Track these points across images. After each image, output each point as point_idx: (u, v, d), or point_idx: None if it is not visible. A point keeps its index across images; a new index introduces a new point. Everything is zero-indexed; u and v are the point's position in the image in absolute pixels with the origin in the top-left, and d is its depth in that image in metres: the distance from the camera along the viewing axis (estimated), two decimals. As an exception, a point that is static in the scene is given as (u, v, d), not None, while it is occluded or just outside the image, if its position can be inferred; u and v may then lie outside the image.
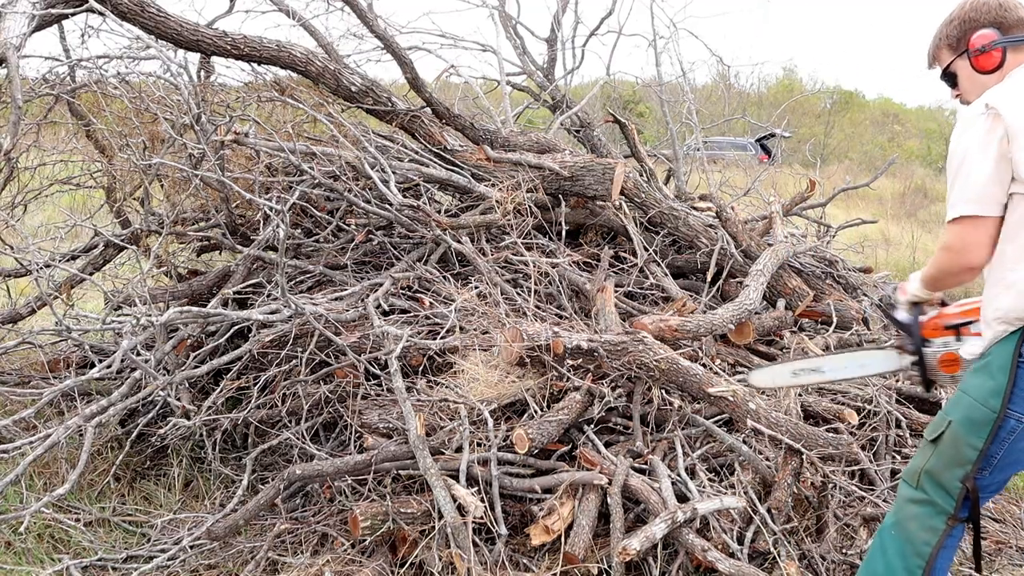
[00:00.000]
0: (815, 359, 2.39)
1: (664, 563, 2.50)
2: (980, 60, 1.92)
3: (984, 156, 1.78)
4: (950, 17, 2.00)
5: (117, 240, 3.62)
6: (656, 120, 12.29)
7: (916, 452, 1.99)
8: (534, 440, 2.69)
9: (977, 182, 1.79)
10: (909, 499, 1.92)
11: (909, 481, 1.93)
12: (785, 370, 2.42)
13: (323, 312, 3.06)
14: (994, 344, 1.83)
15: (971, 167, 1.80)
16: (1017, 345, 1.78)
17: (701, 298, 3.90)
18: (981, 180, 1.78)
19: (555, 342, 2.88)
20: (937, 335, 2.07)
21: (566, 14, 6.11)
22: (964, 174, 1.81)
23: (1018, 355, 1.77)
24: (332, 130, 3.90)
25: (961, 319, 2.04)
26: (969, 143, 1.82)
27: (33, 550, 2.67)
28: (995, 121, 1.77)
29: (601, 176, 3.98)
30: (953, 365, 2.03)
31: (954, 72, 2.00)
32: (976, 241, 1.81)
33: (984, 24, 1.92)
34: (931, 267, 1.98)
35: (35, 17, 3.08)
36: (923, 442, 1.95)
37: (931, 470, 1.87)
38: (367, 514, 2.52)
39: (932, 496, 1.87)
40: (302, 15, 4.44)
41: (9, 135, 2.75)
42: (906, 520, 1.90)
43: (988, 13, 1.92)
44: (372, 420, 2.97)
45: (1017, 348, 1.77)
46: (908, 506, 1.91)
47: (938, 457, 1.86)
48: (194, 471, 3.25)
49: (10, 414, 3.20)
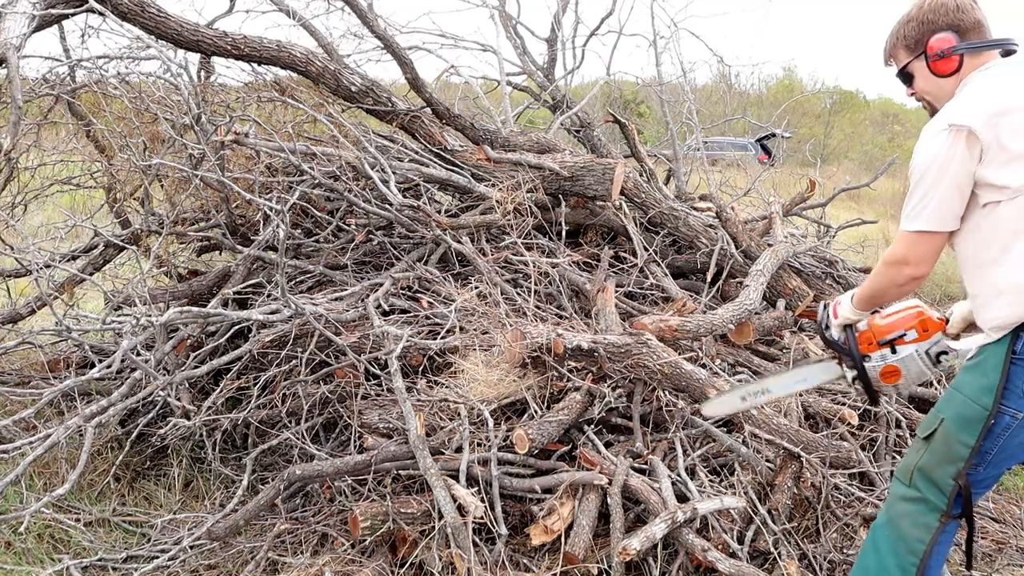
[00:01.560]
0: (760, 382, 2.43)
1: (664, 563, 2.50)
2: (938, 64, 1.92)
3: (946, 172, 1.80)
4: (907, 16, 1.99)
5: (117, 240, 3.62)
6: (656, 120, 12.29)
7: (908, 449, 1.99)
8: (534, 440, 2.69)
9: (940, 198, 1.81)
10: (902, 497, 1.92)
11: (902, 479, 1.94)
12: (735, 396, 2.45)
13: (323, 312, 3.06)
14: (988, 343, 1.84)
15: (934, 181, 1.81)
16: (1010, 343, 1.78)
17: (701, 298, 3.90)
18: (944, 196, 1.81)
19: (556, 342, 2.88)
20: (873, 350, 2.08)
21: (566, 14, 6.12)
22: (925, 188, 1.83)
23: (1012, 353, 1.77)
24: (332, 130, 3.90)
25: (893, 333, 2.06)
26: (933, 158, 1.82)
27: (33, 550, 2.67)
28: (957, 138, 1.78)
29: (601, 176, 3.98)
30: (894, 376, 2.06)
31: (911, 73, 2.00)
32: (930, 253, 1.86)
33: (942, 27, 1.91)
34: (873, 283, 1.99)
35: (35, 17, 3.08)
36: (915, 439, 1.95)
37: (924, 467, 1.88)
38: (367, 514, 2.52)
39: (925, 493, 1.87)
40: (302, 15, 4.44)
41: (9, 135, 2.75)
42: (899, 518, 1.90)
43: (946, 15, 1.92)
44: (372, 420, 2.97)
45: (1011, 346, 1.78)
46: (901, 504, 1.92)
47: (931, 455, 1.87)
48: (194, 471, 3.25)
49: (10, 414, 3.20)
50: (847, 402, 3.32)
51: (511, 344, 2.90)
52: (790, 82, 23.84)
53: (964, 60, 1.90)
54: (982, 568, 2.68)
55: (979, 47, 1.90)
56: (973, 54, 1.90)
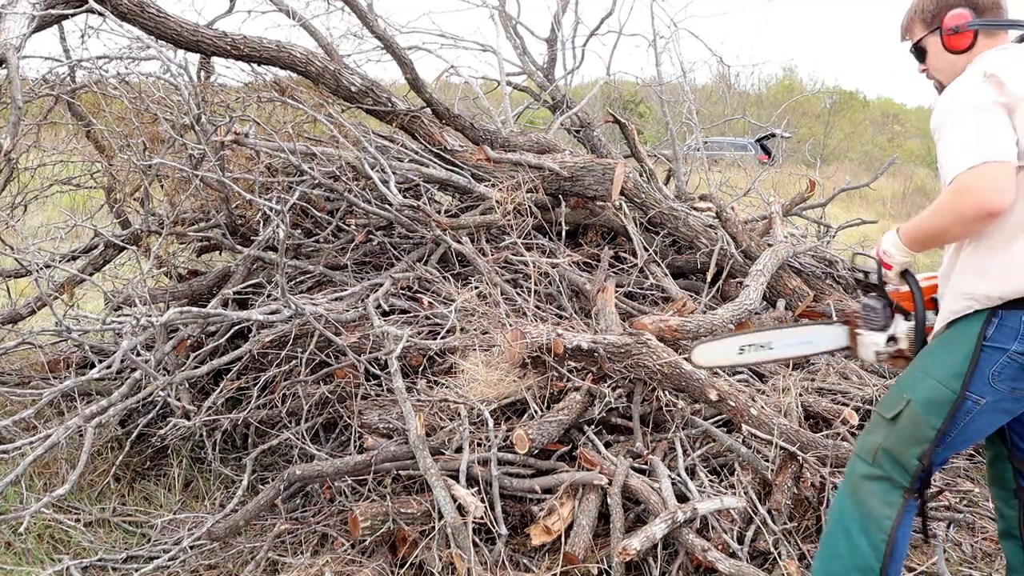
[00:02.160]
0: (764, 333, 2.25)
1: (664, 563, 2.50)
2: (952, 40, 1.92)
3: (993, 114, 1.73)
4: None
5: (117, 240, 3.62)
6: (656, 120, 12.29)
7: (869, 427, 1.97)
8: (534, 440, 2.69)
9: (994, 133, 1.71)
10: (865, 475, 1.92)
11: (864, 457, 1.93)
12: (732, 345, 2.27)
13: (323, 312, 3.06)
14: (957, 320, 1.82)
15: (983, 121, 1.72)
16: (983, 327, 1.77)
17: (701, 298, 3.90)
18: (999, 131, 1.71)
19: (556, 342, 2.88)
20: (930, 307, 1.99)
21: (566, 14, 6.12)
22: (974, 127, 1.72)
23: (982, 338, 1.77)
24: (332, 130, 3.90)
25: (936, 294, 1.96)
26: (971, 102, 1.75)
27: (33, 550, 2.67)
28: (998, 87, 1.74)
29: (601, 176, 3.98)
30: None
31: (924, 47, 2.00)
32: (1005, 181, 1.68)
33: (959, 2, 1.91)
34: (931, 218, 1.80)
35: (35, 18, 3.08)
36: (876, 419, 1.94)
37: (890, 448, 1.88)
38: (367, 514, 2.52)
39: (889, 472, 1.88)
40: (302, 15, 4.44)
41: (9, 135, 2.75)
42: (865, 497, 1.90)
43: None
44: (372, 420, 2.97)
45: (982, 331, 1.77)
46: (865, 483, 1.91)
47: (897, 435, 1.87)
48: (194, 471, 3.25)
49: (10, 414, 3.20)
50: (848, 403, 3.32)
51: (511, 344, 2.90)
52: (790, 82, 23.83)
53: (978, 38, 1.90)
54: (982, 568, 2.68)
55: (995, 25, 1.90)
56: (988, 33, 1.90)
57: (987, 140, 1.69)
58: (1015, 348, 1.75)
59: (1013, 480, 2.00)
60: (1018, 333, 1.75)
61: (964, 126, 1.73)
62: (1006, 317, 1.76)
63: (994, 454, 2.05)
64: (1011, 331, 1.75)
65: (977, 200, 1.67)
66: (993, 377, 1.77)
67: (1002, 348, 1.76)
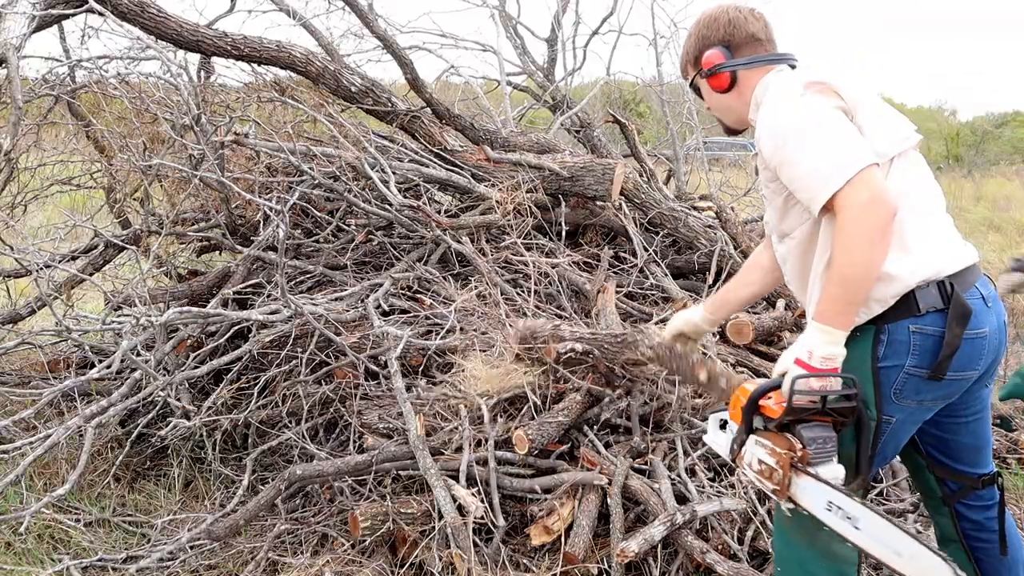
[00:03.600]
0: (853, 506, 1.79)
1: (664, 563, 2.50)
2: (712, 81, 1.87)
3: (838, 120, 1.63)
4: (690, 31, 1.94)
5: (117, 240, 3.62)
6: (656, 120, 12.29)
7: None
8: (534, 441, 2.69)
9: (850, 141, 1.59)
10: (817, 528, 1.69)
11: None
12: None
13: (323, 312, 3.06)
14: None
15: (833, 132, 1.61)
16: (873, 348, 1.68)
17: (701, 299, 3.90)
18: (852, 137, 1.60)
19: (546, 350, 2.88)
20: None
21: (566, 14, 6.12)
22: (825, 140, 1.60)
23: (876, 360, 1.67)
24: (332, 130, 3.90)
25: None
26: (809, 116, 1.64)
27: (33, 550, 2.67)
28: (828, 94, 1.67)
29: (601, 176, 3.98)
30: None
31: (699, 88, 1.95)
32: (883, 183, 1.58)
33: (714, 43, 1.85)
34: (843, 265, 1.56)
35: (35, 18, 3.09)
36: None
37: None
38: (367, 514, 2.52)
39: None
40: (302, 15, 4.44)
41: (9, 135, 2.76)
42: (827, 545, 1.71)
43: (718, 31, 1.85)
44: (372, 420, 2.97)
45: (874, 352, 1.68)
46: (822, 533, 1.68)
47: None
48: (194, 471, 3.25)
49: (10, 414, 3.20)
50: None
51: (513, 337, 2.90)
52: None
53: (738, 76, 1.84)
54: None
55: (749, 63, 1.83)
56: (746, 70, 1.83)
57: (849, 150, 1.58)
58: (909, 363, 1.66)
59: (939, 488, 1.92)
60: (908, 347, 1.66)
61: (817, 143, 1.61)
62: (893, 332, 1.67)
63: (913, 465, 1.97)
64: (901, 346, 1.66)
65: (876, 209, 1.53)
66: (896, 395, 1.69)
67: (896, 366, 1.67)
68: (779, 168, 1.69)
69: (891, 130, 1.73)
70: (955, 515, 1.92)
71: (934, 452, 1.90)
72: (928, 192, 1.76)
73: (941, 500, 1.93)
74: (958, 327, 1.64)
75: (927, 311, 1.65)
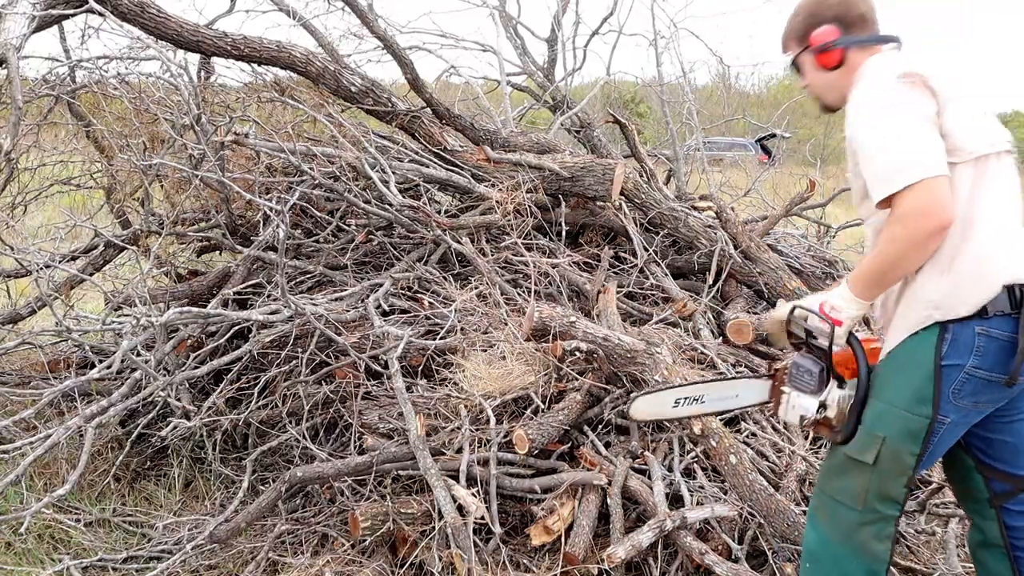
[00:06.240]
0: (697, 386, 2.12)
1: (664, 563, 2.50)
2: (821, 58, 1.90)
3: (919, 119, 1.67)
4: (797, 9, 1.97)
5: (117, 240, 3.62)
6: (656, 120, 12.29)
7: (843, 477, 1.84)
8: (534, 441, 2.69)
9: (926, 145, 1.65)
10: (859, 523, 1.81)
11: (852, 505, 1.82)
12: (667, 399, 2.13)
13: (323, 312, 3.06)
14: (908, 338, 1.75)
15: (912, 132, 1.66)
16: (937, 345, 1.70)
17: (701, 299, 3.90)
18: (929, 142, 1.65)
19: (553, 346, 2.88)
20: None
21: (566, 14, 6.12)
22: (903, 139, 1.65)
23: (939, 358, 1.70)
24: (332, 130, 3.90)
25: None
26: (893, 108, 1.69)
27: (33, 550, 2.67)
28: (921, 88, 1.70)
29: (601, 177, 3.98)
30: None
31: (800, 64, 1.98)
32: (945, 193, 1.62)
33: (826, 20, 1.89)
34: (881, 254, 1.69)
35: (35, 18, 3.08)
36: (846, 462, 1.82)
37: (878, 490, 1.80)
38: (367, 515, 2.52)
39: (883, 511, 1.81)
40: (302, 15, 4.44)
41: (9, 135, 2.76)
42: (865, 543, 1.80)
43: (829, 9, 1.90)
44: (373, 420, 2.97)
45: (938, 350, 1.70)
46: (861, 530, 1.81)
47: (881, 476, 1.78)
48: (194, 471, 3.25)
49: (10, 414, 3.20)
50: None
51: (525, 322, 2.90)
52: (790, 82, 23.82)
53: (848, 55, 1.88)
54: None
55: (862, 42, 1.87)
56: (858, 48, 1.87)
57: (920, 154, 1.63)
58: (971, 363, 1.69)
59: (985, 489, 1.93)
60: (972, 347, 1.69)
61: (892, 138, 1.67)
62: (958, 332, 1.69)
63: (961, 467, 1.97)
64: (965, 346, 1.69)
65: (926, 221, 1.61)
66: (954, 395, 1.71)
67: (958, 365, 1.70)
68: (856, 154, 1.75)
69: (983, 130, 1.76)
70: (1001, 518, 1.93)
71: (978, 453, 1.92)
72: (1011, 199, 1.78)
73: (988, 502, 1.93)
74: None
75: (995, 314, 1.68)
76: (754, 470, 2.53)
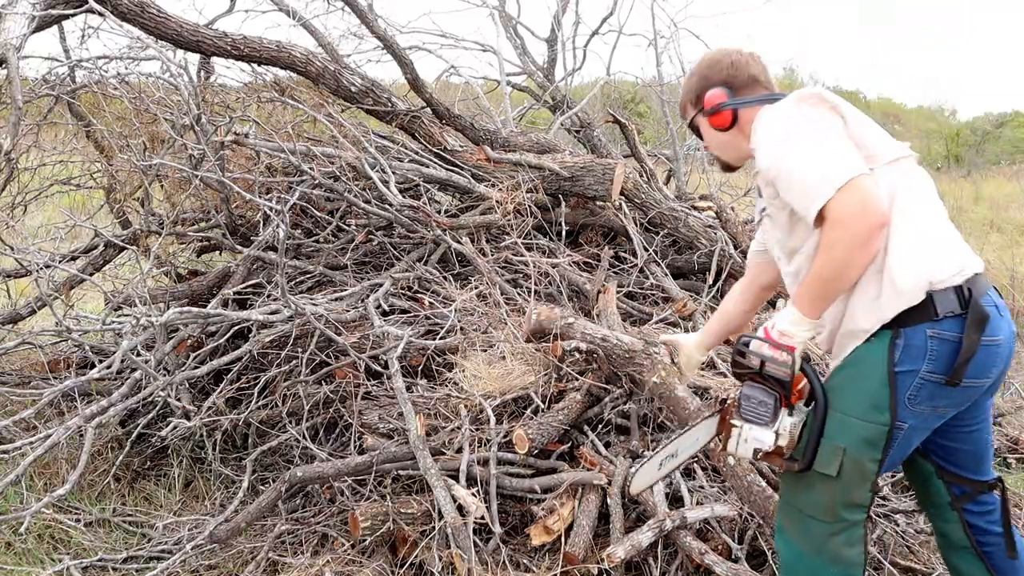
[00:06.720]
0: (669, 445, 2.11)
1: (664, 563, 2.50)
2: (714, 119, 1.93)
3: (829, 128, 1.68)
4: (691, 72, 2.01)
5: (117, 240, 3.62)
6: (656, 120, 12.29)
7: (806, 490, 1.81)
8: (534, 440, 2.69)
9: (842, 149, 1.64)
10: (830, 534, 1.79)
11: (821, 517, 1.79)
12: (654, 465, 2.13)
13: (323, 312, 3.06)
14: (859, 347, 1.72)
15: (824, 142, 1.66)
16: (889, 352, 1.67)
17: (701, 298, 3.90)
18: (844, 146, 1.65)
19: (554, 346, 2.88)
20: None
21: (566, 14, 6.12)
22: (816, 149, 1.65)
23: (892, 364, 1.67)
24: (332, 130, 3.90)
25: None
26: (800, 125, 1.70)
27: (33, 550, 2.67)
28: (822, 105, 1.73)
29: (601, 176, 3.99)
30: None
31: (698, 127, 2.01)
32: (876, 191, 1.61)
33: (716, 83, 1.92)
34: (824, 264, 1.63)
35: (35, 18, 3.09)
36: (815, 476, 1.78)
37: (844, 500, 1.78)
38: (367, 514, 2.52)
39: (850, 518, 1.79)
40: (302, 15, 4.44)
41: (9, 135, 2.76)
42: (837, 551, 1.79)
43: (720, 72, 1.92)
44: (372, 420, 2.97)
45: (890, 356, 1.67)
46: (832, 540, 1.78)
47: (845, 485, 1.76)
48: (194, 471, 3.25)
49: (10, 414, 3.20)
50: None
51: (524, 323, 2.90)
52: (790, 82, 23.83)
53: (740, 114, 1.91)
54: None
55: (750, 102, 1.90)
56: (747, 108, 1.90)
57: (841, 159, 1.62)
58: (925, 368, 1.65)
59: (946, 493, 1.92)
60: (925, 352, 1.65)
61: (810, 153, 1.66)
62: (910, 337, 1.66)
63: (921, 473, 1.96)
64: (918, 351, 1.65)
65: (865, 217, 1.58)
66: (911, 401, 1.69)
67: (912, 371, 1.67)
68: (776, 181, 1.73)
69: (887, 136, 1.79)
70: (964, 519, 1.93)
71: (939, 460, 1.92)
72: (934, 199, 1.78)
73: (949, 505, 1.93)
74: (976, 332, 1.63)
75: (945, 316, 1.65)
76: (752, 471, 2.52)
